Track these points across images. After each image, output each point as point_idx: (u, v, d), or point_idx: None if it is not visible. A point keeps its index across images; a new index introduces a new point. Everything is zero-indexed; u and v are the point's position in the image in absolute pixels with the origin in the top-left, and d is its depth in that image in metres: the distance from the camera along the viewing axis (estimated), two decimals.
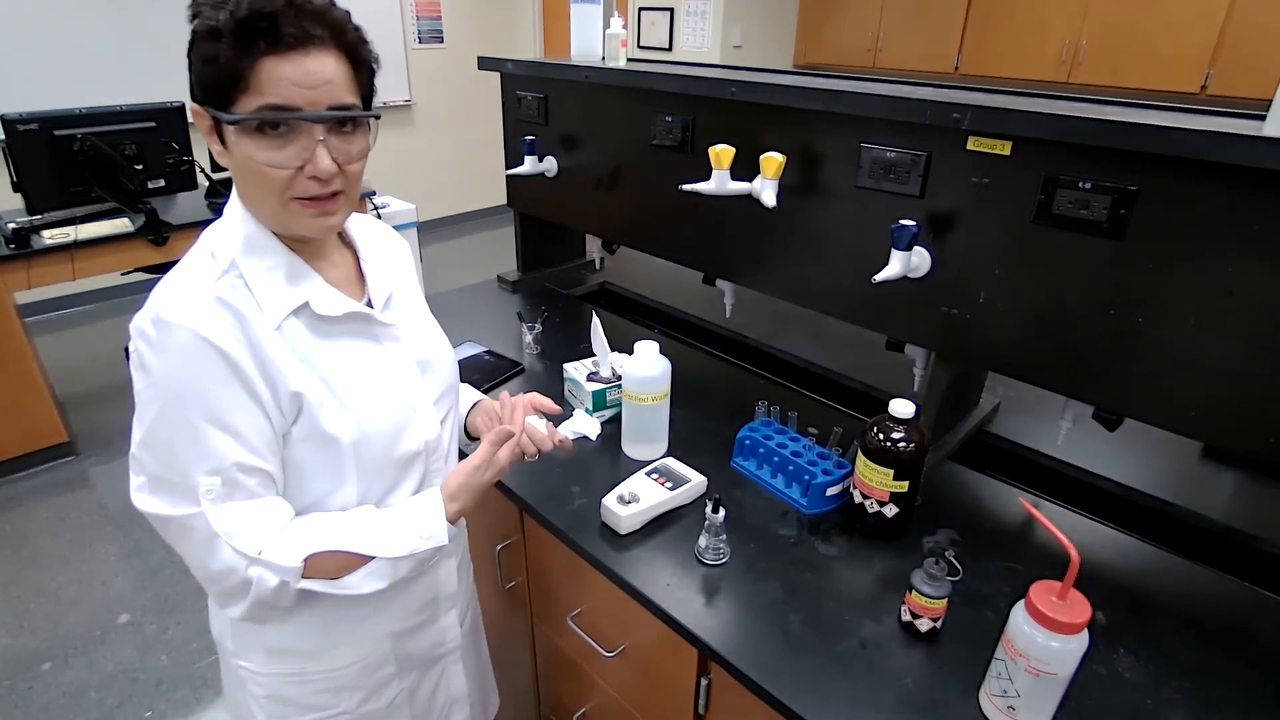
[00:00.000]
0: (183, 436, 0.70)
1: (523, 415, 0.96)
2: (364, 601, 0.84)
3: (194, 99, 0.70)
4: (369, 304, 0.85)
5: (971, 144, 1.02)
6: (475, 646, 1.16)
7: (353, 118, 0.71)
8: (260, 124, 0.67)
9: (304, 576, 0.76)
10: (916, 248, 1.09)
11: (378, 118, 0.75)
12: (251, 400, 0.71)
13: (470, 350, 1.59)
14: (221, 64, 0.65)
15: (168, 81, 3.19)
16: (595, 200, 1.70)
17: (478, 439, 1.05)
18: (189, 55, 0.68)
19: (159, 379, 0.69)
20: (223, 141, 0.70)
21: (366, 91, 0.74)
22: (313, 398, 0.75)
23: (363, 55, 0.73)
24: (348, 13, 0.71)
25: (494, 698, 1.27)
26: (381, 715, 0.97)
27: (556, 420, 1.02)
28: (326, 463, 0.78)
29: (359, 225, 0.90)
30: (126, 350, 0.73)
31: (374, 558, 0.79)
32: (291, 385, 0.74)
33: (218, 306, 0.70)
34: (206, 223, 0.79)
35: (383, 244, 0.93)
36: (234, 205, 0.77)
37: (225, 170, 0.76)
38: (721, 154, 1.22)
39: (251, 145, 0.68)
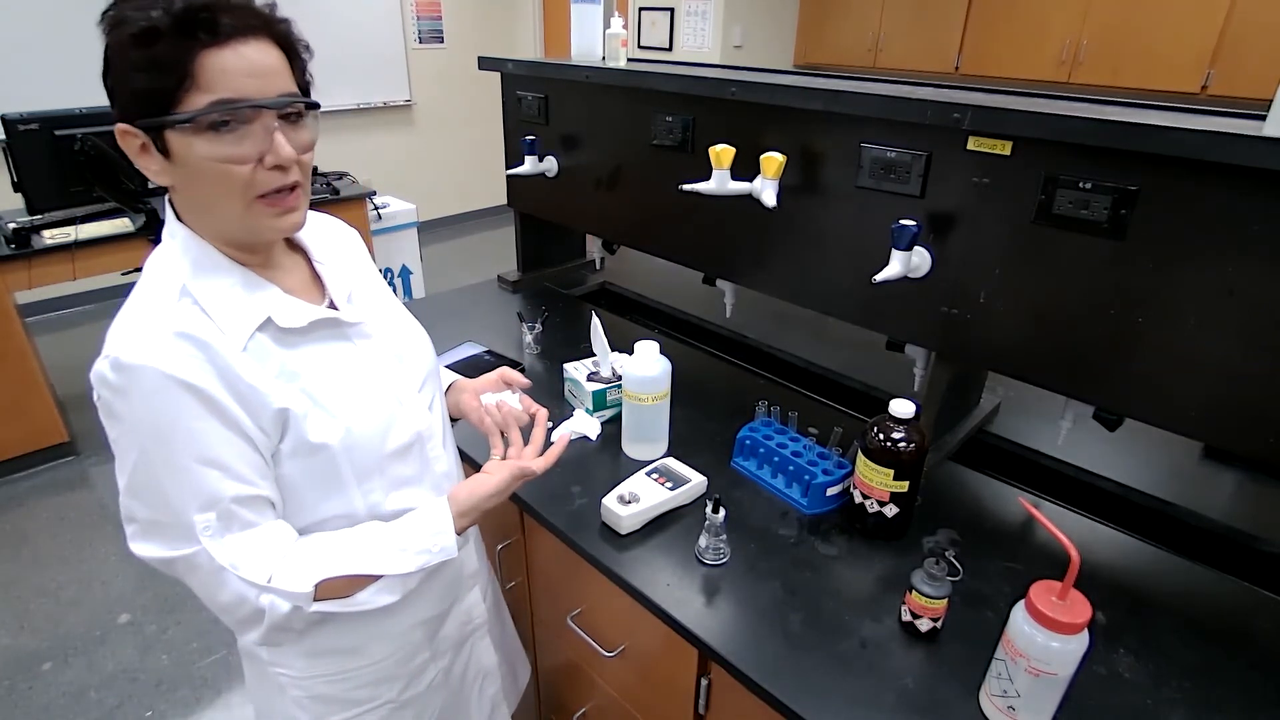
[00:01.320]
0: (168, 479, 0.68)
1: (551, 457, 0.94)
2: None
3: (122, 118, 0.66)
4: (331, 305, 0.83)
5: (972, 144, 1.02)
6: (499, 620, 1.17)
7: (303, 103, 0.71)
8: (214, 121, 0.64)
9: (315, 600, 0.75)
10: (917, 248, 1.09)
11: (318, 106, 0.74)
12: (230, 430, 0.69)
13: (470, 350, 1.59)
14: (163, 64, 0.62)
15: None
16: (595, 200, 1.70)
17: (457, 419, 1.05)
18: (108, 72, 0.66)
19: (132, 425, 0.67)
20: (165, 154, 0.67)
21: (303, 81, 0.74)
22: (297, 410, 0.73)
23: (294, 44, 0.72)
24: (272, 4, 0.70)
25: (524, 667, 1.27)
26: (422, 699, 0.97)
27: (555, 419, 1.02)
28: (320, 473, 0.77)
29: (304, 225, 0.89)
30: None
31: (384, 576, 0.79)
32: (275, 403, 0.72)
33: (178, 340, 0.67)
34: None
35: (332, 239, 0.90)
36: (173, 229, 0.74)
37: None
38: (721, 154, 1.22)
39: (206, 145, 0.65)
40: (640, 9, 4.99)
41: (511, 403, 0.99)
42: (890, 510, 1.03)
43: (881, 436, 1.01)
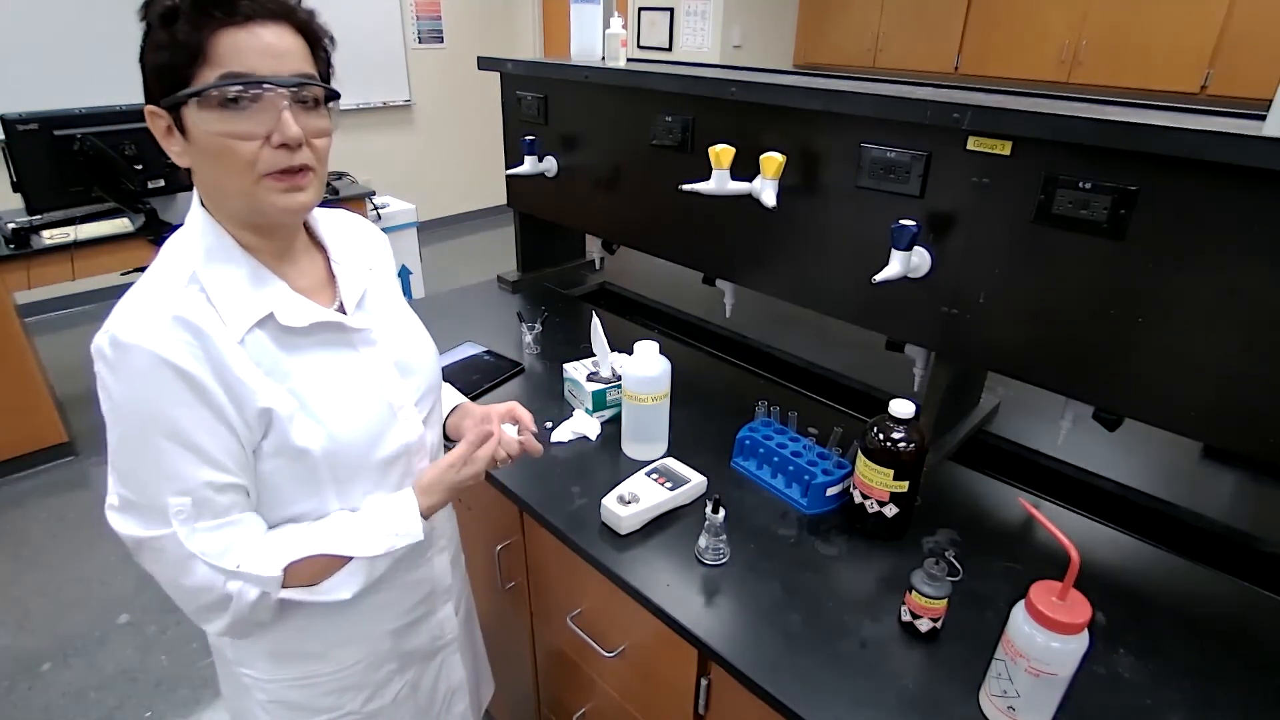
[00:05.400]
0: (147, 459, 0.69)
1: (498, 421, 0.96)
2: (365, 599, 0.84)
3: (150, 101, 0.69)
4: (341, 307, 0.82)
5: (971, 144, 1.02)
6: (470, 636, 1.17)
7: (314, 87, 0.71)
8: (224, 98, 0.65)
9: (283, 586, 0.75)
10: (916, 248, 1.09)
11: (338, 95, 0.74)
12: (216, 419, 0.69)
13: (470, 350, 1.59)
14: (180, 41, 0.65)
15: None
16: (595, 200, 1.70)
17: (455, 441, 1.04)
18: (142, 56, 0.68)
19: (120, 402, 0.68)
20: (184, 133, 0.68)
21: (324, 71, 0.74)
22: (282, 412, 0.73)
23: (315, 31, 0.73)
24: None
25: (488, 685, 1.27)
26: (388, 711, 0.97)
27: (538, 436, 1.01)
28: (299, 475, 0.77)
29: (329, 223, 0.88)
30: None
31: (350, 559, 0.79)
32: (259, 402, 0.72)
33: (175, 325, 0.68)
34: None
35: (354, 240, 0.90)
36: (195, 215, 0.74)
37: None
38: (721, 154, 1.22)
39: (215, 120, 0.66)
40: (640, 9, 4.99)
41: (510, 433, 0.97)
42: (890, 510, 1.03)
43: (881, 436, 1.01)
